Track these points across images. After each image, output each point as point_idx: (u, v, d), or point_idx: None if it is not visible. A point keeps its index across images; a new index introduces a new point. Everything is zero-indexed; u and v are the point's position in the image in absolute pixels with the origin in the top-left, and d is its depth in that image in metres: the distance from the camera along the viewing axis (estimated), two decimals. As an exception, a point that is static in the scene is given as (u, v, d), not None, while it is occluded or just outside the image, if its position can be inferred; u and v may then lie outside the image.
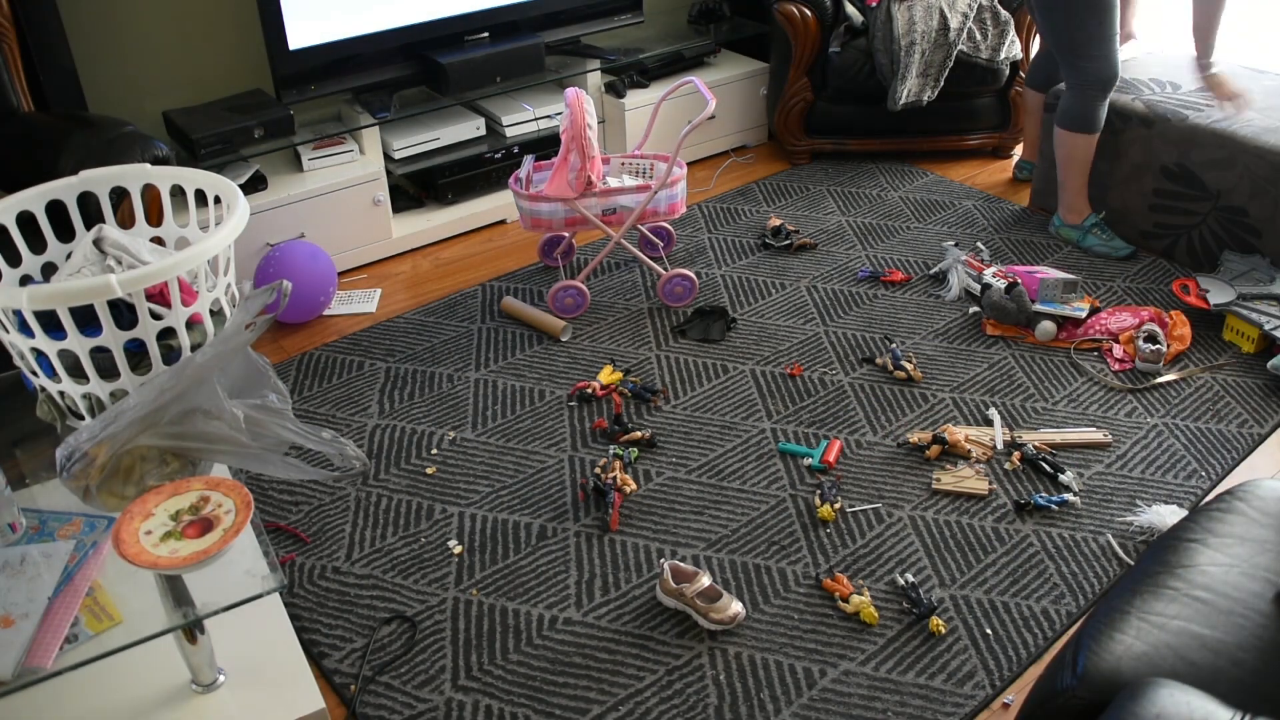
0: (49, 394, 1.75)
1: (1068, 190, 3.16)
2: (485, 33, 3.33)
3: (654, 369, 2.69)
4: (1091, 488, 2.28)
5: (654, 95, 3.64)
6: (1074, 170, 3.10)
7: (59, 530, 1.65)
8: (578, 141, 2.71)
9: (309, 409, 2.59)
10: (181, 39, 3.07)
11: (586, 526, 2.20)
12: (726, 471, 2.35)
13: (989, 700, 1.83)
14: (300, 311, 2.90)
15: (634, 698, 1.83)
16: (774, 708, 1.81)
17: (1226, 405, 2.53)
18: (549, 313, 2.89)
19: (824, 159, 3.85)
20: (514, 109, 3.50)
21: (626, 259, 3.21)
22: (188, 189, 1.91)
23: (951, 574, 2.07)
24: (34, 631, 1.48)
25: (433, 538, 2.18)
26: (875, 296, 2.99)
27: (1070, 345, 2.75)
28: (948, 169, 3.77)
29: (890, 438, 2.44)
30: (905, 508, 2.24)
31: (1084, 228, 3.13)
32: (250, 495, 1.52)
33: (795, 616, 1.98)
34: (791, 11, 3.52)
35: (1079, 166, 3.09)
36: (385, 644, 1.95)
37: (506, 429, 2.49)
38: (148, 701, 1.73)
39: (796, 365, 2.69)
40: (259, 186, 3.04)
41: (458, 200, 3.46)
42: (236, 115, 2.98)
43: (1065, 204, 3.19)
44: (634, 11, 3.63)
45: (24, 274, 1.87)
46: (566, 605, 2.02)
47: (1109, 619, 1.38)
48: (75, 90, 2.81)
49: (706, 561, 2.11)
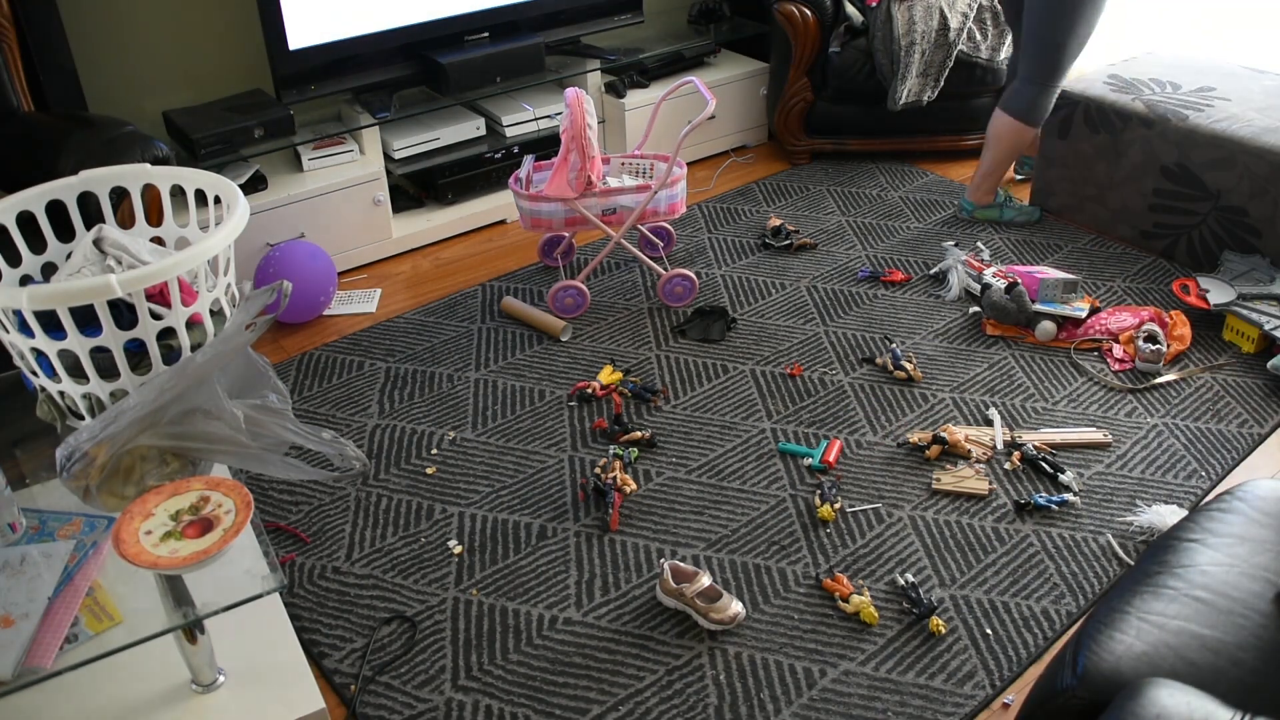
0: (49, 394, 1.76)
1: (992, 176, 3.26)
2: (485, 33, 3.33)
3: (654, 369, 2.69)
4: (1091, 488, 2.28)
5: (654, 95, 3.64)
6: (1008, 159, 3.20)
7: (59, 530, 1.65)
8: (578, 141, 2.71)
9: (309, 409, 2.59)
10: (181, 39, 3.07)
11: (586, 526, 2.20)
12: (726, 471, 2.35)
13: (989, 700, 1.83)
14: (300, 311, 2.90)
15: (634, 698, 1.83)
16: (774, 708, 1.81)
17: (1226, 405, 2.53)
18: (549, 313, 2.89)
19: (824, 159, 3.85)
20: (514, 109, 3.50)
21: (626, 259, 3.21)
22: (188, 189, 1.91)
23: (951, 574, 2.07)
24: (34, 631, 1.48)
25: (433, 538, 2.18)
26: (875, 296, 2.99)
27: (1070, 345, 2.75)
28: (948, 169, 3.76)
29: (890, 438, 2.44)
30: (905, 508, 2.24)
31: (999, 204, 3.27)
32: (250, 495, 1.52)
33: (795, 616, 1.98)
34: (791, 11, 3.52)
35: (1014, 155, 3.20)
36: (385, 644, 1.95)
37: (506, 429, 2.49)
38: (148, 701, 1.73)
39: (796, 365, 2.69)
40: (259, 186, 3.04)
41: (458, 200, 3.46)
42: (236, 115, 2.98)
43: (983, 189, 3.30)
44: (634, 11, 3.63)
45: (24, 274, 1.87)
46: (566, 605, 2.02)
47: (1109, 619, 1.38)
48: (75, 90, 2.81)
49: (706, 561, 2.11)
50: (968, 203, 3.33)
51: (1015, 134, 3.12)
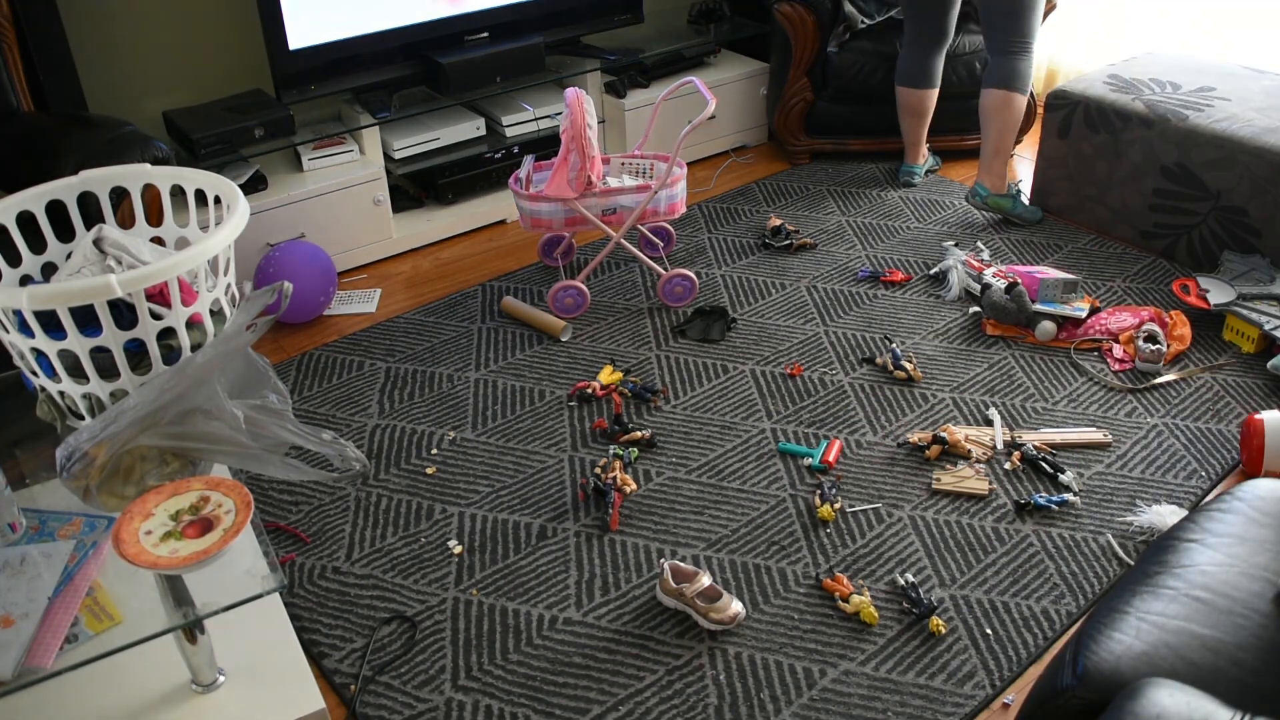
0: (49, 394, 1.76)
1: (999, 157, 3.18)
2: (485, 33, 3.33)
3: (654, 369, 2.69)
4: (1091, 488, 2.28)
5: (654, 95, 3.64)
6: (1007, 134, 3.14)
7: (59, 530, 1.65)
8: (578, 141, 2.71)
9: (309, 409, 2.59)
10: (181, 39, 3.07)
11: (586, 526, 2.20)
12: (726, 471, 2.35)
13: (989, 700, 1.83)
14: (300, 311, 2.90)
15: (634, 698, 1.83)
16: (774, 708, 1.81)
17: (1226, 405, 2.53)
18: (549, 313, 2.89)
19: (824, 159, 3.85)
20: (514, 109, 3.50)
21: (626, 259, 3.21)
22: (188, 189, 1.91)
23: (951, 574, 2.07)
24: (34, 631, 1.48)
25: (433, 538, 2.18)
26: (875, 296, 2.99)
27: (1070, 345, 2.75)
28: (948, 169, 3.76)
29: (890, 438, 2.44)
30: (905, 508, 2.24)
31: (1012, 195, 3.17)
32: (250, 495, 1.52)
33: (795, 616, 1.98)
34: (791, 11, 3.52)
35: (1011, 130, 3.14)
36: (385, 644, 1.95)
37: (506, 429, 2.49)
38: (148, 701, 1.73)
39: (796, 365, 2.69)
40: (259, 186, 3.04)
41: (458, 200, 3.46)
42: (236, 115, 2.98)
43: (996, 172, 3.22)
44: (634, 11, 3.63)
45: (24, 274, 1.87)
46: (566, 605, 2.02)
47: (1109, 619, 1.38)
48: (75, 90, 2.81)
49: (706, 561, 2.11)
50: (981, 187, 3.26)
51: (1004, 104, 3.09)
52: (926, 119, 3.46)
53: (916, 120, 3.45)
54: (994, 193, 3.22)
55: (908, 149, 3.57)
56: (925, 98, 3.38)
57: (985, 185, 3.24)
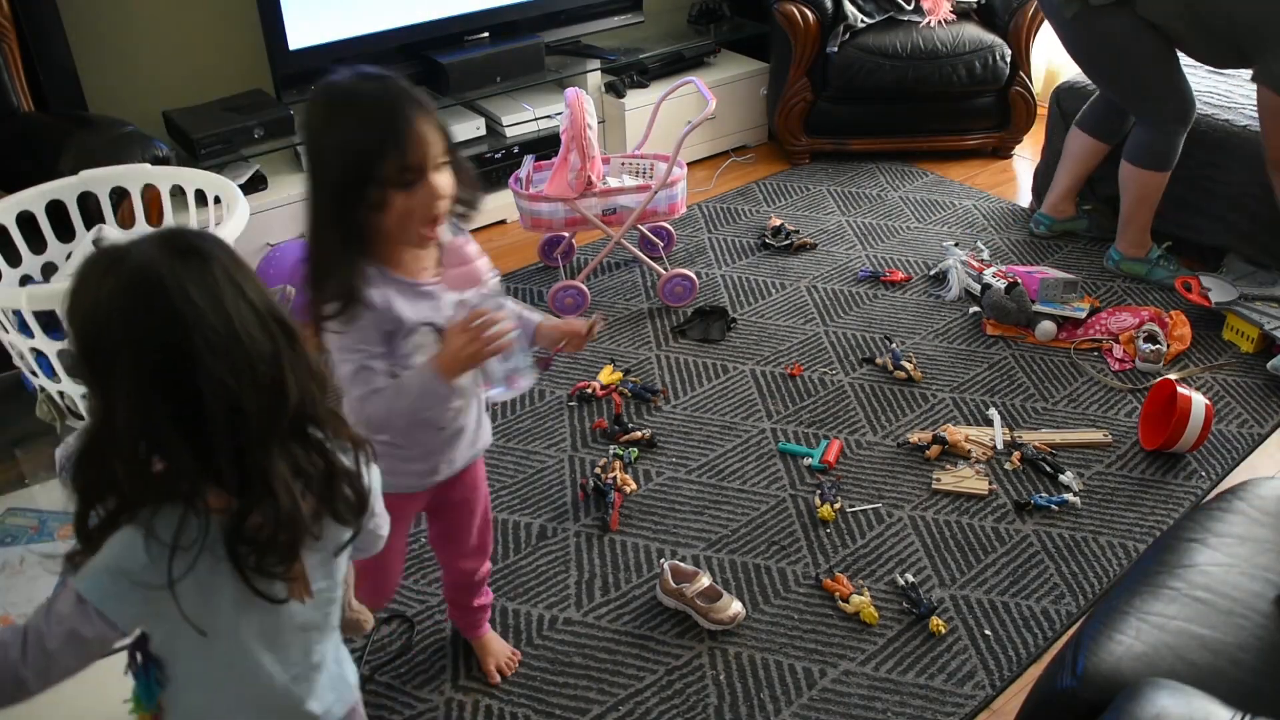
0: (49, 394, 1.76)
1: (1134, 226, 3.01)
2: (485, 33, 3.33)
3: (654, 369, 2.69)
4: (1091, 488, 2.28)
5: (654, 95, 3.63)
6: (1145, 208, 2.96)
7: (59, 530, 1.65)
8: (578, 141, 2.71)
9: (309, 409, 2.58)
10: (181, 39, 3.07)
11: (586, 526, 2.20)
12: (726, 471, 2.35)
13: (989, 700, 1.82)
14: (300, 312, 2.90)
15: (634, 698, 1.83)
16: (774, 708, 1.81)
17: (1226, 405, 2.53)
18: (549, 313, 2.89)
19: (824, 159, 3.85)
20: (514, 109, 3.50)
21: (626, 259, 3.21)
22: (188, 189, 1.92)
23: (951, 574, 2.07)
24: (34, 631, 1.48)
25: (433, 538, 2.18)
26: (875, 296, 2.99)
27: (1070, 345, 2.75)
28: (948, 169, 3.76)
29: (890, 438, 2.44)
30: (905, 508, 2.23)
31: (1150, 260, 3.02)
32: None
33: (795, 616, 1.98)
34: (791, 11, 3.52)
35: (1150, 204, 2.95)
36: (385, 644, 1.95)
37: (506, 429, 2.49)
38: (148, 701, 1.73)
39: (796, 365, 2.69)
40: (259, 186, 3.04)
41: (458, 200, 3.46)
42: (236, 115, 2.98)
43: (1129, 240, 3.03)
44: (634, 11, 3.63)
45: (24, 274, 1.87)
46: (566, 605, 2.02)
47: (1109, 619, 1.38)
48: (75, 90, 2.81)
49: (706, 561, 2.11)
50: (1115, 252, 3.09)
51: (1127, 177, 2.95)
52: None
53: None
54: (1127, 257, 3.05)
55: None
56: None
57: (1119, 249, 3.08)
